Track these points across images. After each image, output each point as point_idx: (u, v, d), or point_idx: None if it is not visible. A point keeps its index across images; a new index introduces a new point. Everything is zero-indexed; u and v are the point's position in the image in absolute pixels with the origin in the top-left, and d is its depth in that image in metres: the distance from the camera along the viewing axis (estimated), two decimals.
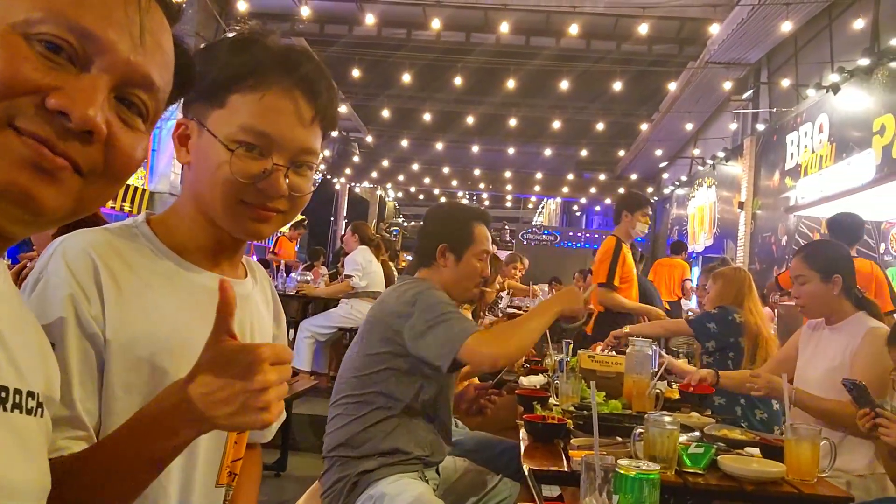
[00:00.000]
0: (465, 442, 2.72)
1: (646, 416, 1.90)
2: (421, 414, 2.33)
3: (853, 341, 2.58)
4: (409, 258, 14.47)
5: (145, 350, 1.07)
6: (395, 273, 7.43)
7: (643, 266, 8.95)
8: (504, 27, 11.55)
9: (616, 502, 1.12)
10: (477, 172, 22.22)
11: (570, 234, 26.26)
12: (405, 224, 31.92)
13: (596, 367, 3.27)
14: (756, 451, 2.10)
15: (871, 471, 2.51)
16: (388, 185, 25.74)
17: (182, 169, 1.24)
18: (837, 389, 2.53)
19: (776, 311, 7.33)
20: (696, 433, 2.20)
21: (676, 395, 3.04)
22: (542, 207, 33.13)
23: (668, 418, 1.86)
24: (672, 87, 13.37)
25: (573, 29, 11.33)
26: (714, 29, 10.81)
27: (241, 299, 1.10)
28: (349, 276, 6.53)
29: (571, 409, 2.65)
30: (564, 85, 12.98)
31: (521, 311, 7.54)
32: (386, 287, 6.58)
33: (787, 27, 9.96)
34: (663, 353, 3.41)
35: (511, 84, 13.10)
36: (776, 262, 11.79)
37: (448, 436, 2.47)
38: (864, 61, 9.08)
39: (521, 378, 3.63)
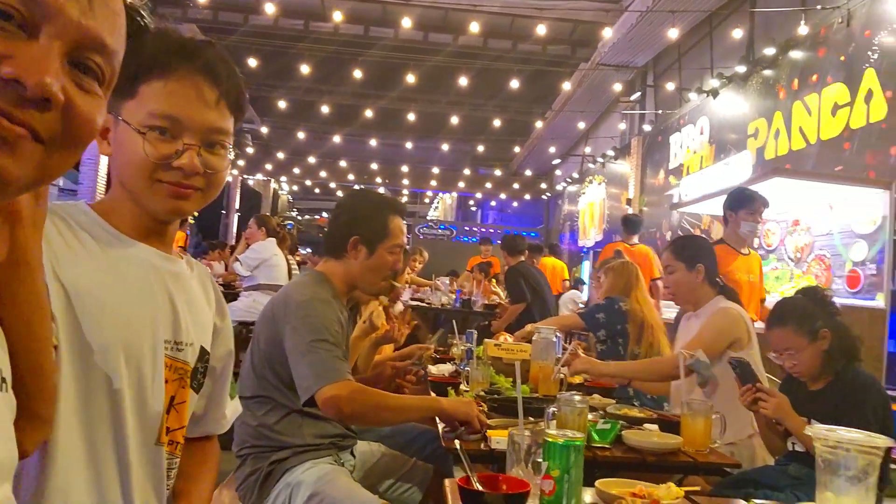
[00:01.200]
0: (380, 429, 2.78)
1: (557, 395, 2.03)
2: None
3: (705, 321, 2.86)
4: (306, 251, 14.24)
5: (69, 301, 1.13)
6: (295, 267, 7.37)
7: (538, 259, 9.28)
8: (404, 22, 11.62)
9: (545, 468, 1.22)
10: (374, 167, 22.19)
11: (466, 228, 26.66)
12: (299, 217, 31.45)
13: (502, 355, 3.42)
14: (655, 426, 2.28)
15: (738, 437, 2.74)
16: (283, 179, 25.29)
17: (108, 161, 1.31)
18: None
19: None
20: (600, 412, 2.35)
21: (579, 380, 3.22)
22: (438, 202, 33.43)
23: (577, 397, 2.00)
24: (566, 86, 13.82)
25: (472, 27, 11.52)
26: (606, 33, 11.26)
27: (172, 274, 1.29)
28: (237, 261, 6.35)
29: (482, 394, 2.77)
30: (463, 82, 13.18)
31: (423, 304, 7.67)
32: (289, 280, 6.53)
33: (672, 34, 10.51)
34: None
35: (410, 79, 13.18)
36: (661, 255, 12.45)
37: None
38: (741, 68, 9.74)
39: (430, 367, 3.72)
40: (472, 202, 29.76)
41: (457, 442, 1.74)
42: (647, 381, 3.29)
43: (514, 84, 13.11)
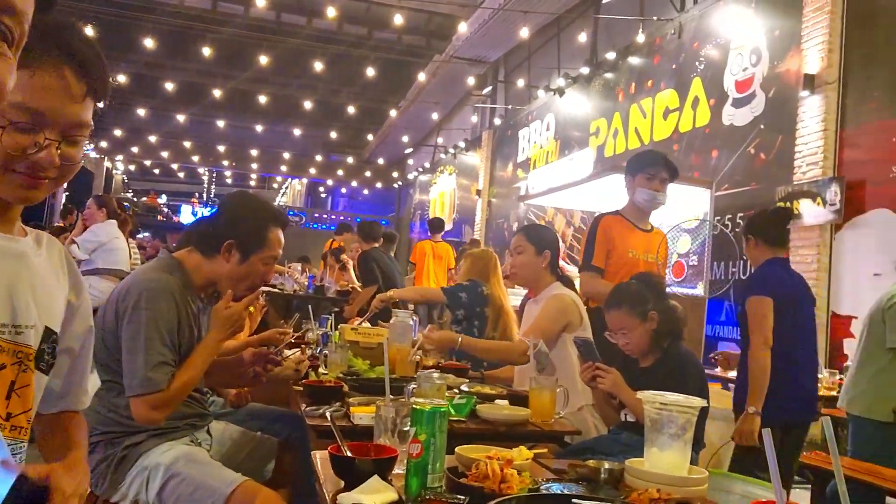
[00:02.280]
0: (236, 413, 2.76)
1: (417, 374, 2.14)
2: None
3: (540, 308, 3.09)
4: (143, 236, 13.44)
5: None
6: (136, 251, 7.03)
7: (396, 248, 9.40)
8: (257, 1, 11.31)
9: (413, 433, 1.31)
10: (221, 149, 21.40)
11: (316, 215, 26.37)
12: (135, 199, 29.71)
13: (359, 339, 3.49)
14: (505, 402, 2.45)
15: (569, 410, 2.98)
16: (119, 157, 23.79)
17: None
18: (543, 353, 3.00)
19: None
20: (455, 390, 2.49)
21: (433, 362, 3.35)
22: (287, 188, 32.80)
23: (436, 374, 2.12)
24: (420, 77, 14.01)
25: (328, 11, 11.42)
26: (461, 27, 11.52)
27: (13, 255, 1.24)
28: (73, 244, 5.93)
29: (341, 375, 2.83)
30: (318, 66, 13.03)
31: (275, 290, 7.58)
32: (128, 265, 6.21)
33: (524, 33, 10.94)
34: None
35: (262, 60, 12.86)
36: (508, 245, 12.97)
37: (204, 404, 2.48)
38: (585, 70, 10.33)
39: (285, 351, 3.72)
40: (322, 189, 29.45)
41: (328, 413, 1.80)
42: (491, 359, 3.46)
43: (370, 72, 13.13)
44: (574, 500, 1.16)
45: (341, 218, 22.50)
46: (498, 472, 1.35)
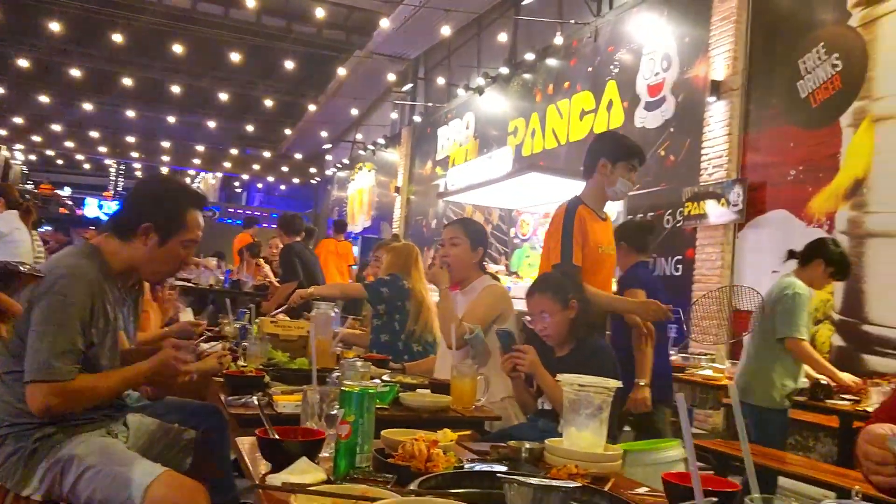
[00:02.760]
0: (154, 406, 2.70)
1: (341, 361, 2.15)
2: None
3: (475, 297, 3.16)
4: (45, 230, 12.82)
5: None
6: (40, 244, 6.71)
7: (313, 243, 9.32)
8: None
9: (342, 415, 1.33)
10: (131, 139, 20.65)
11: (231, 210, 25.73)
12: (36, 191, 28.27)
13: (278, 332, 3.47)
14: (427, 391, 2.49)
15: (491, 400, 3.05)
16: (18, 146, 22.59)
17: None
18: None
19: None
20: (377, 379, 2.51)
21: (352, 355, 3.36)
22: (200, 181, 31.89)
23: (359, 362, 2.15)
24: (340, 72, 13.89)
25: (246, 1, 11.18)
26: (383, 23, 11.49)
27: None
28: None
29: (261, 367, 2.81)
30: (235, 57, 12.75)
31: (189, 284, 7.38)
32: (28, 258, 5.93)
33: (444, 31, 11.02)
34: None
35: (176, 49, 12.48)
36: (426, 242, 13.02)
37: (121, 396, 2.41)
38: (504, 70, 10.50)
39: (202, 344, 3.65)
40: (237, 183, 28.76)
41: (253, 399, 1.79)
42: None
43: (289, 65, 12.94)
44: (498, 475, 1.21)
45: (256, 213, 22.03)
46: (424, 451, 1.38)
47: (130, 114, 18.06)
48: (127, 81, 15.20)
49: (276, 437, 1.41)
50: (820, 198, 5.49)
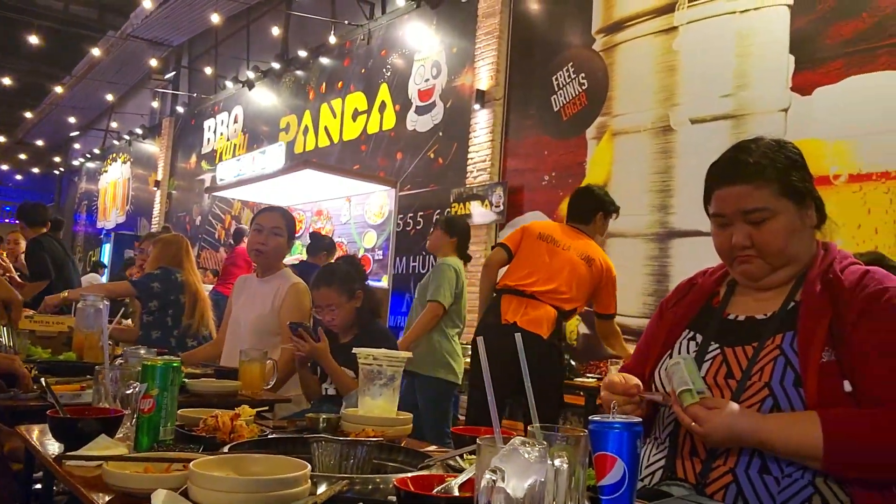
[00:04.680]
0: None
1: (123, 351, 2.06)
2: None
3: (280, 292, 3.15)
4: None
5: None
6: None
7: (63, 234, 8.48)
8: None
9: (145, 389, 1.30)
10: None
11: None
12: None
13: (36, 328, 3.22)
14: (212, 379, 2.45)
15: (289, 393, 3.08)
16: None
17: None
18: (267, 332, 3.07)
19: None
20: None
21: (120, 352, 3.19)
22: None
23: (142, 350, 2.07)
24: (94, 52, 12.78)
25: None
26: (145, 3, 10.78)
27: None
28: None
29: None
30: None
31: None
32: None
33: (212, 18, 10.60)
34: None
35: None
36: (190, 240, 12.41)
37: None
38: (276, 65, 10.36)
39: None
40: None
41: (42, 380, 1.65)
42: None
43: (33, 41, 11.65)
44: (306, 436, 1.27)
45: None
46: (228, 423, 1.40)
47: None
48: None
49: (68, 416, 1.35)
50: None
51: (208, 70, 12.28)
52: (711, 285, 1.57)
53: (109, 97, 14.97)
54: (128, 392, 1.44)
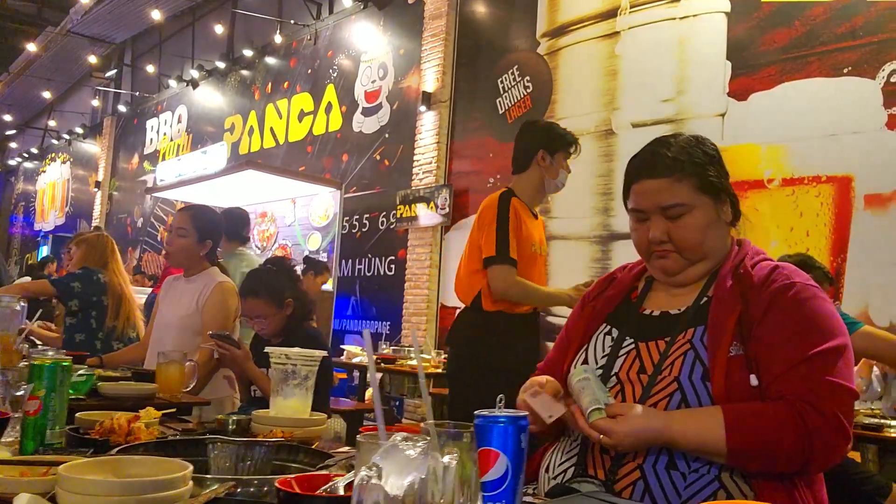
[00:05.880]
0: None
1: (29, 352, 1.95)
2: None
3: (205, 291, 3.05)
4: None
5: None
6: None
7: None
8: None
9: (32, 390, 1.22)
10: None
11: None
12: None
13: None
14: (131, 382, 2.35)
15: (215, 396, 2.98)
16: None
17: None
18: (191, 332, 2.96)
19: None
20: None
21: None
22: None
23: (51, 351, 1.97)
24: (31, 48, 12.36)
25: None
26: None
27: None
28: None
29: None
30: None
31: None
32: None
33: (155, 15, 10.36)
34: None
35: None
36: (131, 243, 12.10)
37: None
38: (221, 64, 10.16)
39: None
40: None
41: None
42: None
43: None
44: (201, 438, 1.21)
45: None
46: (125, 425, 1.33)
47: None
48: None
49: None
50: None
51: (151, 68, 11.99)
52: (630, 280, 1.56)
53: (47, 94, 14.49)
54: (18, 394, 1.35)
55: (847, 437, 1.19)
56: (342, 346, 5.99)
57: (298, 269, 4.41)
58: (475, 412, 0.90)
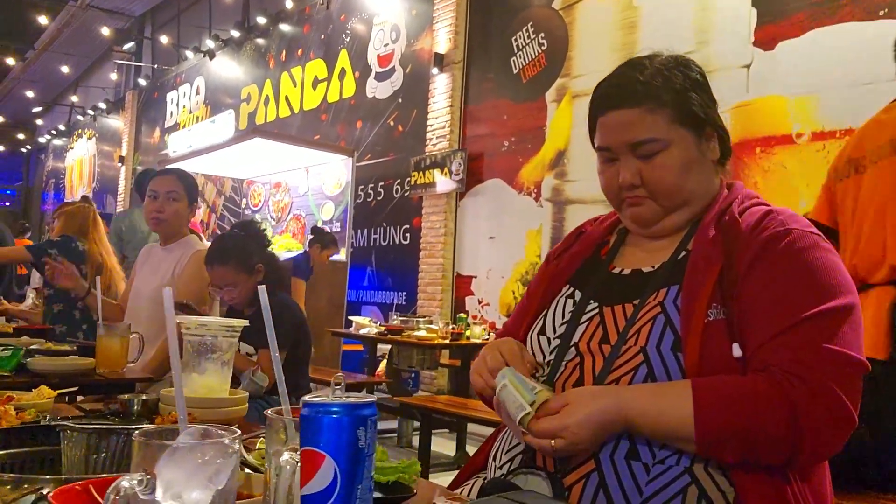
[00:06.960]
0: None
1: None
2: None
3: (182, 259, 2.86)
4: None
5: None
6: None
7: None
8: None
9: None
10: None
11: None
12: None
13: None
14: (75, 356, 2.17)
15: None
16: None
17: None
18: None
19: None
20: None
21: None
22: None
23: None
24: (42, 20, 12.26)
25: None
26: None
27: None
28: None
29: None
30: None
31: None
32: None
33: None
34: None
35: None
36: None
37: None
38: (236, 34, 9.95)
39: None
40: None
41: None
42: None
43: None
44: (55, 425, 1.00)
45: None
46: None
47: None
48: None
49: None
50: (529, 167, 5.84)
51: (167, 40, 11.84)
52: (601, 234, 1.29)
53: (65, 69, 14.39)
54: None
55: (848, 420, 0.92)
56: (349, 318, 5.79)
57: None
58: (301, 398, 0.66)
